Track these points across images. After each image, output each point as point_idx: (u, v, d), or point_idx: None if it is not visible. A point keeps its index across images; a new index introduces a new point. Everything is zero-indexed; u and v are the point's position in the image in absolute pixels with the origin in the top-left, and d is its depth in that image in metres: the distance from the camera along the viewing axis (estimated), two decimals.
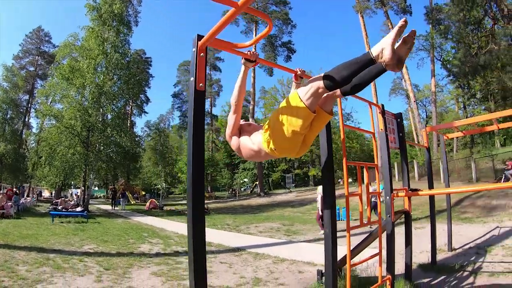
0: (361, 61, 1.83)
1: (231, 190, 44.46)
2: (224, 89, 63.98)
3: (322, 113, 2.06)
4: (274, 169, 44.66)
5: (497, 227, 9.28)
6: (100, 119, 20.60)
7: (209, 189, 43.12)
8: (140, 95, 28.06)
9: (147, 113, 30.38)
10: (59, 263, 6.05)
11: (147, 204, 23.98)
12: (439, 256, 6.56)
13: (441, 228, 7.76)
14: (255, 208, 22.90)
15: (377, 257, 3.97)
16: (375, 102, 30.53)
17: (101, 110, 20.71)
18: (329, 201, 3.29)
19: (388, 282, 4.21)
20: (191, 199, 1.99)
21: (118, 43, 21.43)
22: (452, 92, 37.57)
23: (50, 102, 23.22)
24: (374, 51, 1.78)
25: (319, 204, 11.57)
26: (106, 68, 20.64)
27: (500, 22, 13.38)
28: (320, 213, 11.42)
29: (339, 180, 41.71)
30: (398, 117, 5.61)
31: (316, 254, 7.45)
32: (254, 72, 37.29)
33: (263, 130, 2.27)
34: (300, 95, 1.99)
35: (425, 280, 5.22)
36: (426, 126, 7.38)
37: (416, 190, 5.53)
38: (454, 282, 5.13)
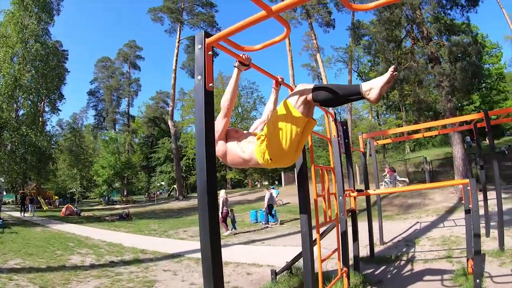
0: (350, 90, 2.05)
1: (147, 194, 42.73)
2: (143, 89, 61.21)
3: (309, 119, 2.16)
4: (192, 172, 43.94)
5: (418, 222, 10.42)
6: (14, 116, 18.21)
7: (125, 193, 41.13)
8: (56, 91, 25.57)
9: (60, 110, 27.42)
10: None
11: (63, 210, 21.89)
12: (374, 250, 7.16)
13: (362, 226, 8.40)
14: (177, 212, 22.43)
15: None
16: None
17: (15, 105, 18.33)
18: (303, 204, 3.41)
19: (344, 275, 4.52)
20: (206, 205, 1.88)
21: (39, 32, 19.26)
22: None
23: None
24: (364, 87, 1.98)
25: (223, 207, 12.10)
26: (24, 59, 18.32)
27: (420, 43, 15.22)
28: (221, 216, 11.93)
29: (256, 182, 43.17)
30: (344, 124, 5.99)
31: (256, 255, 7.60)
32: (174, 73, 36.59)
33: (259, 141, 2.25)
34: (292, 103, 2.08)
35: (370, 271, 5.69)
36: (362, 133, 8.05)
37: (361, 190, 6.00)
38: (395, 270, 5.68)
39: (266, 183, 42.47)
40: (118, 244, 9.83)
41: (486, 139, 26.14)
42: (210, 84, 2.06)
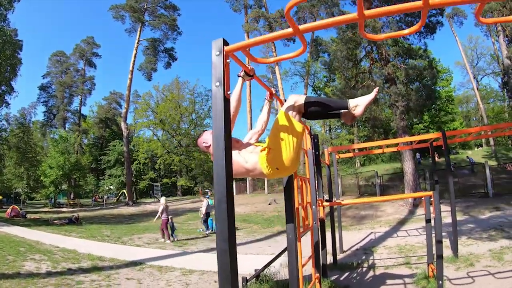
0: (338, 104, 2.33)
1: (95, 197, 41.04)
2: (97, 88, 58.35)
3: (305, 127, 2.36)
4: (142, 177, 43.06)
5: (372, 232, 10.97)
6: None
7: (72, 195, 39.01)
8: (8, 82, 23.44)
9: (9, 104, 25.01)
10: None
11: (8, 211, 20.24)
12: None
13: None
14: (127, 217, 21.67)
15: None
16: (249, 117, 33.09)
17: None
18: (289, 213, 3.54)
19: (317, 280, 4.72)
20: (225, 213, 1.89)
21: None
22: None
23: None
24: (352, 103, 2.26)
25: (162, 214, 11.93)
26: None
27: (378, 63, 16.20)
28: (164, 222, 11.79)
29: (206, 190, 43.07)
30: (316, 137, 6.25)
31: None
32: (131, 74, 35.60)
33: (263, 152, 2.34)
34: (291, 115, 2.27)
35: (335, 277, 5.95)
36: (328, 147, 8.46)
37: (329, 200, 6.30)
38: (359, 276, 6.01)
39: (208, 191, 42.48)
40: (72, 250, 9.32)
41: (435, 156, 28.25)
42: (228, 92, 2.13)
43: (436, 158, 31.58)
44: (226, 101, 2.10)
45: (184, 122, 43.72)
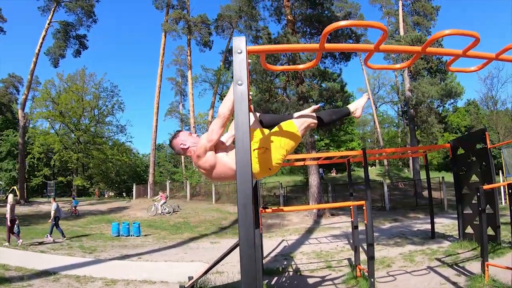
0: (343, 112, 2.82)
1: None
2: None
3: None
4: (36, 173, 38.74)
5: (283, 240, 11.55)
6: None
7: None
8: None
9: None
10: None
11: None
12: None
13: (231, 242, 8.34)
14: (21, 218, 18.55)
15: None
16: (155, 119, 32.07)
17: None
18: (255, 218, 3.63)
19: None
20: (250, 219, 1.70)
21: None
22: None
23: None
24: (352, 108, 2.74)
25: (8, 214, 10.49)
26: None
27: (293, 81, 17.29)
28: (9, 223, 10.35)
29: (103, 192, 40.47)
30: None
31: (141, 272, 7.20)
32: (36, 57, 31.23)
33: (257, 151, 2.36)
34: (297, 126, 2.48)
35: (265, 282, 6.16)
36: None
37: (266, 207, 6.58)
38: (288, 280, 6.35)
39: (112, 193, 39.99)
40: None
41: (332, 172, 31.23)
42: (251, 93, 2.17)
43: (334, 174, 35.01)
44: (249, 102, 2.09)
45: (86, 117, 40.01)
